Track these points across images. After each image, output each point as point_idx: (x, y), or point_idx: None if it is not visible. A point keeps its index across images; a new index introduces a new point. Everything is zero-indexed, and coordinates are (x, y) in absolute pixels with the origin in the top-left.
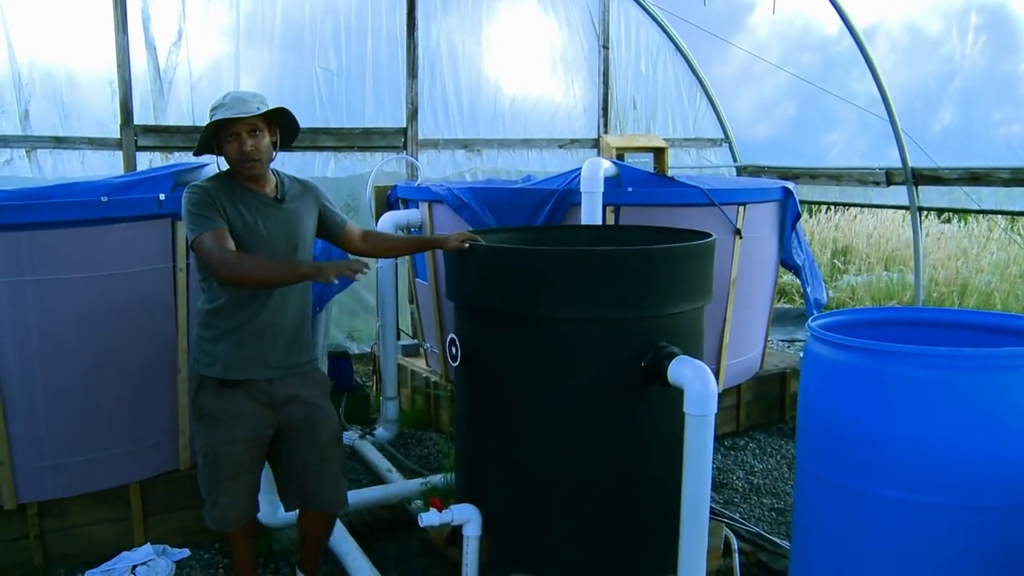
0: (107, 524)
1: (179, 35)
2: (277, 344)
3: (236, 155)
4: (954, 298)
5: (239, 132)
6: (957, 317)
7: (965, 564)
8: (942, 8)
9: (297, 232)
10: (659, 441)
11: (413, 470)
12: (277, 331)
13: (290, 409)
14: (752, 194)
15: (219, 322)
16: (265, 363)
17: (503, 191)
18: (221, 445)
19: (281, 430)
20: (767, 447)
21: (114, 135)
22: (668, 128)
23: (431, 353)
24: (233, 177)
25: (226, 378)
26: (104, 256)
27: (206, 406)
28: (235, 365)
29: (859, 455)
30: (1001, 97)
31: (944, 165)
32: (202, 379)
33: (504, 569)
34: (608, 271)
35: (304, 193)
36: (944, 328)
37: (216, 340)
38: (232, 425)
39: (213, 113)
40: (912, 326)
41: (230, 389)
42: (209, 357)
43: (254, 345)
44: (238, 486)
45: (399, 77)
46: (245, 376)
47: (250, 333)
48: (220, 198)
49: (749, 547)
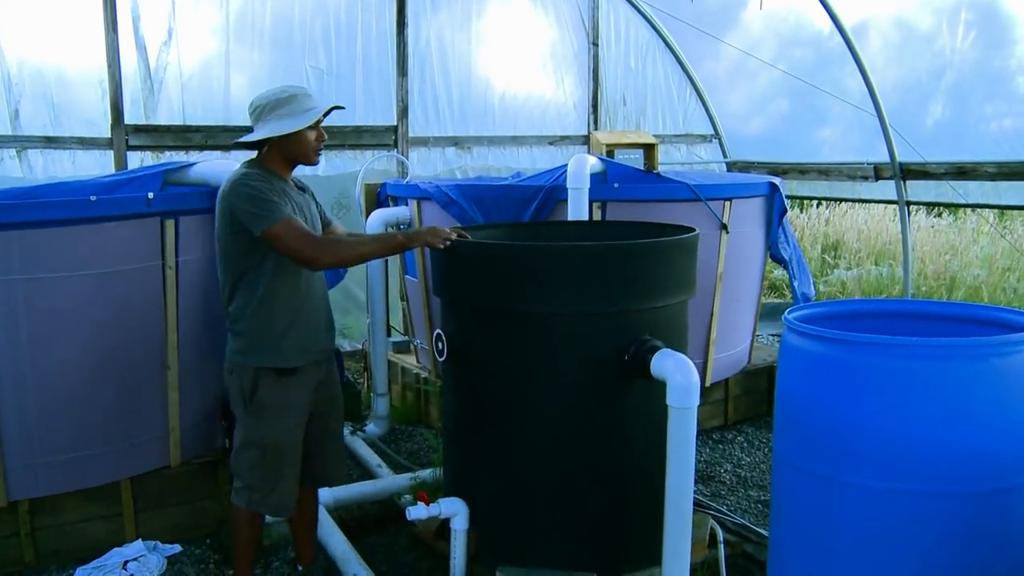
0: (99, 521)
1: (169, 34)
2: (320, 329)
3: (316, 142)
4: (943, 292)
5: (321, 121)
6: (932, 308)
7: (937, 549)
8: (933, 3)
9: (316, 218)
10: (644, 434)
11: (403, 465)
12: (318, 317)
13: (323, 391)
14: (738, 189)
15: (275, 312)
16: (314, 348)
17: (490, 188)
18: (283, 434)
19: (311, 412)
20: (755, 440)
21: (105, 135)
22: (658, 124)
23: (421, 349)
24: (268, 167)
25: (286, 367)
26: (94, 255)
27: (266, 398)
28: (293, 353)
29: (833, 444)
30: (992, 91)
31: (932, 160)
32: (258, 372)
33: (491, 562)
34: (592, 266)
35: (304, 188)
36: (918, 319)
37: (273, 330)
38: (291, 413)
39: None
40: (887, 318)
41: (287, 377)
42: (266, 348)
43: (305, 332)
44: (296, 471)
45: (389, 75)
46: (301, 363)
47: (302, 320)
48: (270, 187)
49: (735, 538)
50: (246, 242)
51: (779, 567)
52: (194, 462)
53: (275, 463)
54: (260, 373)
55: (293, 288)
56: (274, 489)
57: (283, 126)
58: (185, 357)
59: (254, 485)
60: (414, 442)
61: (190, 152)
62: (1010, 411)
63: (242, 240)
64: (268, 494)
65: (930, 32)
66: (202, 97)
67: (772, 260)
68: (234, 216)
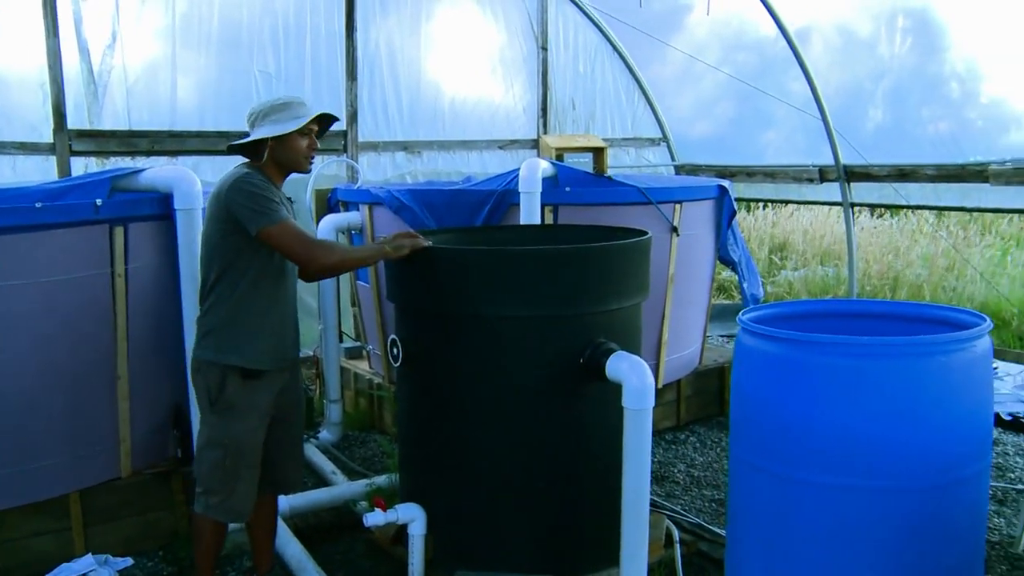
0: (46, 535)
1: (113, 37)
2: (289, 335)
3: (305, 149)
4: (886, 291)
5: (313, 128)
6: (881, 308)
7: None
8: (871, 10)
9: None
10: (599, 435)
11: (358, 472)
12: (288, 325)
13: (285, 398)
14: (688, 192)
15: (249, 314)
16: (282, 353)
17: (442, 192)
18: (245, 435)
19: (272, 417)
20: (707, 440)
21: (47, 140)
22: (607, 128)
23: (374, 355)
24: (264, 172)
25: (253, 368)
26: (40, 263)
27: (232, 397)
28: (262, 356)
29: (788, 442)
30: (928, 96)
31: (875, 162)
32: (226, 370)
33: (449, 566)
34: (546, 270)
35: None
36: (869, 319)
37: (246, 331)
38: (253, 415)
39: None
40: (838, 317)
41: (253, 379)
42: (236, 347)
43: (275, 338)
44: (254, 475)
45: (338, 79)
46: (268, 366)
47: (273, 326)
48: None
49: (690, 537)
50: (236, 242)
51: (737, 564)
52: (146, 473)
53: (234, 465)
54: (228, 372)
55: (270, 294)
56: (232, 493)
57: (276, 129)
58: (135, 366)
59: (212, 488)
60: (368, 448)
61: (136, 158)
62: (956, 406)
63: (232, 240)
64: (225, 498)
65: (869, 38)
66: (148, 102)
67: (721, 262)
68: (230, 214)
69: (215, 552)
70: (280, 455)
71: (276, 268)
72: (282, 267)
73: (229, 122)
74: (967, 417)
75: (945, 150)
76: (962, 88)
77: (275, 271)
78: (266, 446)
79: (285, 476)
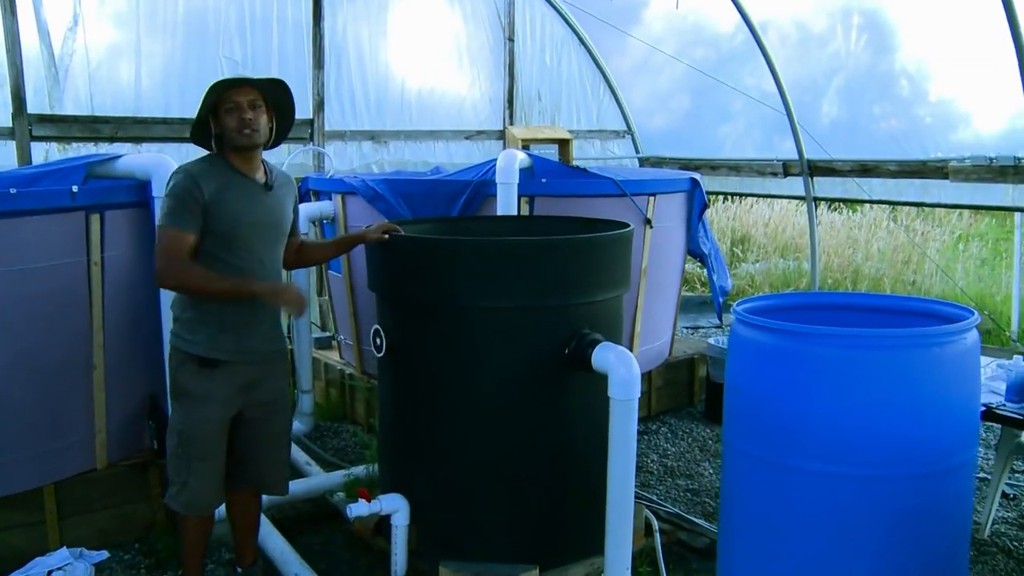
0: (19, 529)
1: (75, 20)
2: (259, 331)
3: (235, 124)
4: (847, 283)
5: (240, 102)
6: (870, 301)
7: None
8: (827, 7)
9: (282, 220)
10: (583, 426)
11: (331, 462)
12: (260, 321)
13: (258, 393)
14: (661, 185)
15: (204, 306)
16: (248, 347)
17: (418, 183)
18: (199, 425)
19: (243, 413)
20: (678, 431)
21: (6, 124)
22: (572, 120)
23: (345, 345)
24: (226, 159)
25: (208, 357)
26: (14, 250)
27: (185, 384)
28: (219, 347)
29: (783, 431)
30: (880, 93)
31: (838, 157)
32: (183, 356)
33: (433, 557)
34: (532, 260)
35: (288, 184)
36: (858, 311)
37: (200, 321)
38: (208, 405)
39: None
40: (828, 310)
41: (210, 368)
42: (192, 335)
43: (240, 332)
44: (208, 468)
45: (305, 67)
46: (226, 357)
47: (237, 322)
48: (205, 180)
49: (669, 527)
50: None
51: (729, 552)
52: (121, 464)
53: (187, 455)
54: (185, 358)
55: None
56: (185, 484)
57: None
58: (111, 356)
59: (171, 478)
60: (340, 439)
61: (99, 144)
62: (947, 397)
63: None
64: (180, 489)
65: (824, 34)
66: (111, 87)
67: (690, 255)
68: None
69: (196, 546)
70: (254, 453)
71: (239, 265)
72: (250, 264)
73: (194, 109)
74: (958, 407)
75: (897, 146)
76: (912, 87)
77: (236, 268)
78: (239, 443)
79: (260, 475)
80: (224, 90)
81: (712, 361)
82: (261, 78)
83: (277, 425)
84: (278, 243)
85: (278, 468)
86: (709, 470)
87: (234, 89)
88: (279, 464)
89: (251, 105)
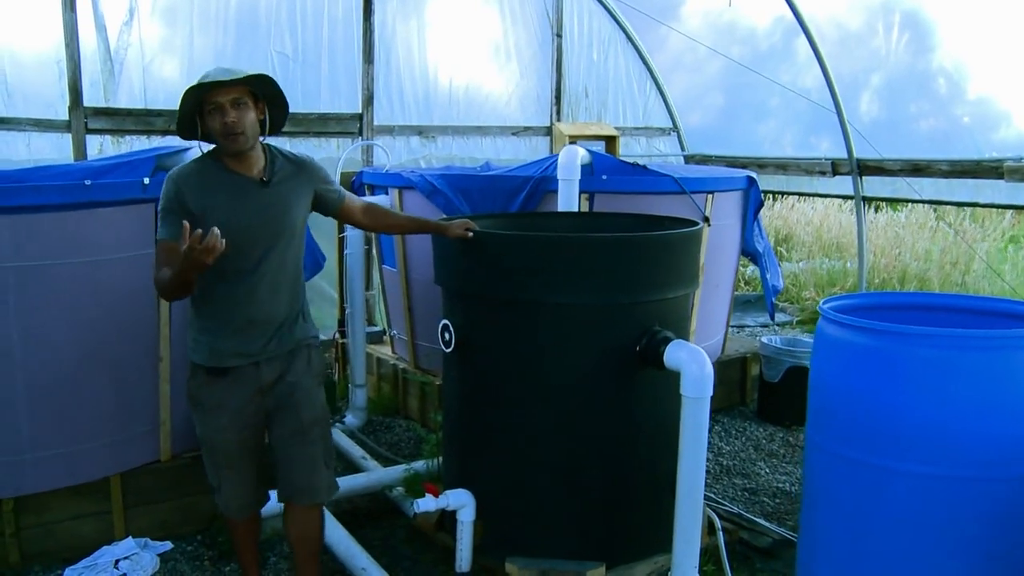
0: (87, 518)
1: (131, 14)
2: (266, 334)
3: (219, 128)
4: (894, 283)
5: (222, 103)
6: (955, 302)
7: (977, 532)
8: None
9: (280, 216)
10: (650, 423)
11: (386, 457)
12: (266, 323)
13: (276, 391)
14: (719, 183)
15: (207, 312)
16: (254, 350)
17: (477, 178)
18: (214, 434)
19: (269, 414)
20: (732, 429)
21: (62, 117)
22: (619, 117)
23: (398, 340)
24: (217, 157)
25: (215, 366)
26: (87, 242)
27: (196, 394)
28: (222, 354)
29: (874, 431)
30: (918, 92)
31: (888, 156)
32: (193, 366)
33: (498, 553)
34: (610, 257)
35: (297, 173)
36: (943, 312)
37: (204, 330)
38: (220, 414)
39: (190, 90)
40: (913, 310)
41: (218, 376)
42: (197, 344)
43: (243, 335)
44: (235, 476)
45: (355, 62)
46: (231, 363)
47: (238, 325)
48: (194, 185)
49: (731, 526)
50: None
51: (812, 552)
52: (185, 456)
53: (211, 461)
54: (194, 368)
55: (228, 296)
56: (219, 489)
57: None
58: (177, 349)
59: (209, 481)
60: (393, 433)
61: (152, 137)
62: None
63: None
64: (216, 493)
65: (861, 32)
66: (164, 80)
67: (743, 254)
68: None
69: (241, 546)
70: (283, 456)
71: (236, 269)
72: (248, 264)
73: None
74: None
75: (934, 145)
76: (950, 85)
77: (234, 273)
78: (272, 447)
79: (291, 480)
80: (204, 92)
81: (765, 360)
82: (238, 76)
83: (297, 421)
84: (281, 236)
85: (304, 468)
86: (765, 469)
87: (215, 90)
88: (305, 463)
89: (234, 104)
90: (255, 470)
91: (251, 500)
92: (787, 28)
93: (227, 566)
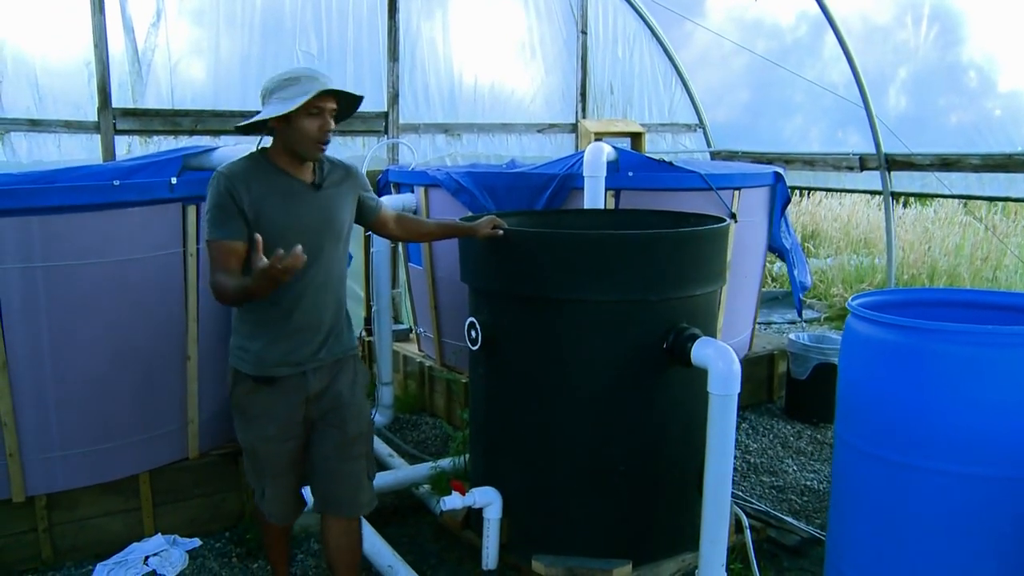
0: (117, 515)
1: (158, 16)
2: (314, 341)
3: (316, 133)
4: (923, 279)
5: (326, 108)
6: (987, 298)
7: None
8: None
9: (331, 221)
10: (676, 420)
11: (413, 454)
12: (314, 329)
13: (322, 402)
14: (746, 179)
15: (254, 319)
16: (302, 359)
17: (503, 175)
18: (260, 443)
19: (313, 424)
20: (759, 427)
21: (91, 118)
22: (644, 113)
23: (425, 338)
24: (270, 157)
25: (260, 375)
26: (115, 241)
27: (241, 402)
28: (269, 362)
29: (904, 429)
30: (947, 85)
31: (917, 151)
32: (237, 374)
33: (524, 550)
34: (634, 254)
35: (345, 179)
36: (974, 308)
37: (252, 337)
38: (267, 422)
39: (290, 84)
40: (943, 306)
41: (264, 386)
42: (244, 353)
43: (290, 343)
44: (280, 483)
45: (380, 60)
46: (279, 373)
47: (287, 332)
48: (248, 185)
49: (758, 524)
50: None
51: (841, 549)
52: (213, 454)
53: (255, 468)
54: (238, 376)
55: (276, 300)
56: (263, 495)
57: (279, 108)
58: (205, 347)
59: (252, 485)
60: (420, 431)
61: (179, 137)
62: None
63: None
64: (261, 498)
65: (889, 26)
66: (190, 81)
67: (770, 250)
68: None
69: (274, 547)
70: (324, 467)
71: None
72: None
73: None
74: None
75: (965, 139)
76: (980, 78)
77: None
78: (311, 456)
79: (334, 494)
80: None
81: (793, 357)
82: (352, 92)
83: (344, 435)
84: (329, 241)
85: (349, 484)
86: (792, 467)
87: (324, 97)
88: (350, 479)
89: (332, 112)
90: (297, 479)
91: (293, 507)
92: (812, 23)
93: (255, 563)
